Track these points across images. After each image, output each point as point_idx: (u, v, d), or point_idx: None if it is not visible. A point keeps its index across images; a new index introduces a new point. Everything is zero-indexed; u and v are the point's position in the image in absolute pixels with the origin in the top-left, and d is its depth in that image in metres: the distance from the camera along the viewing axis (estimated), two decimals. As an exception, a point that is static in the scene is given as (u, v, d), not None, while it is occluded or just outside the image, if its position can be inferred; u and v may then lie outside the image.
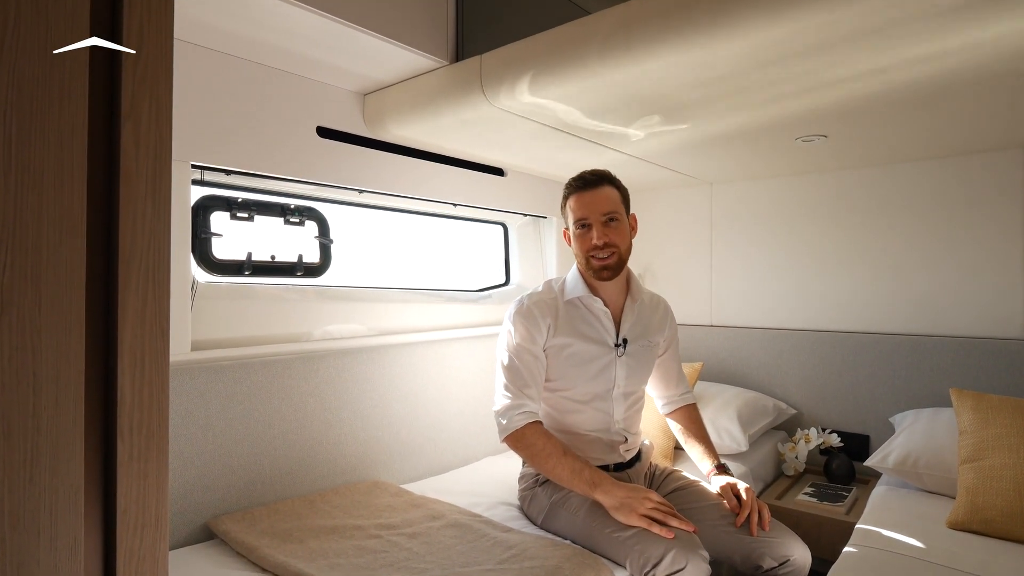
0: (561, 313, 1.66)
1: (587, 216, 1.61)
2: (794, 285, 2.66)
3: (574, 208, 1.64)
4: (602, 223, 1.61)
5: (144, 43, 0.53)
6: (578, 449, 1.67)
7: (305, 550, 1.43)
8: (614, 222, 1.62)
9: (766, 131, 1.89)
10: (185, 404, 1.56)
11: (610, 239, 1.61)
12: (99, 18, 0.51)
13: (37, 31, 0.48)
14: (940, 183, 2.32)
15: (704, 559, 1.39)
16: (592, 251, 1.61)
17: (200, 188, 1.75)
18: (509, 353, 1.63)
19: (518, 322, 1.64)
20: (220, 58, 1.62)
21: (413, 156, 2.15)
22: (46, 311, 0.48)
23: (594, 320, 1.68)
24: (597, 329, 1.68)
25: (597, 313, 1.68)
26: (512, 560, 1.37)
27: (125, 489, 0.51)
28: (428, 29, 1.67)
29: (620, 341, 1.69)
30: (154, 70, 0.53)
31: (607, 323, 1.69)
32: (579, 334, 1.66)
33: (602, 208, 1.61)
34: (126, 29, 0.52)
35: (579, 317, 1.67)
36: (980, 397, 1.79)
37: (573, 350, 1.65)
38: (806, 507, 2.10)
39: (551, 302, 1.68)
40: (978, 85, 1.50)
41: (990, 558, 1.47)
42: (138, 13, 0.52)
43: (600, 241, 1.60)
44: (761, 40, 1.21)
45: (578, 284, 1.68)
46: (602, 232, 1.60)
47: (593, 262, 1.62)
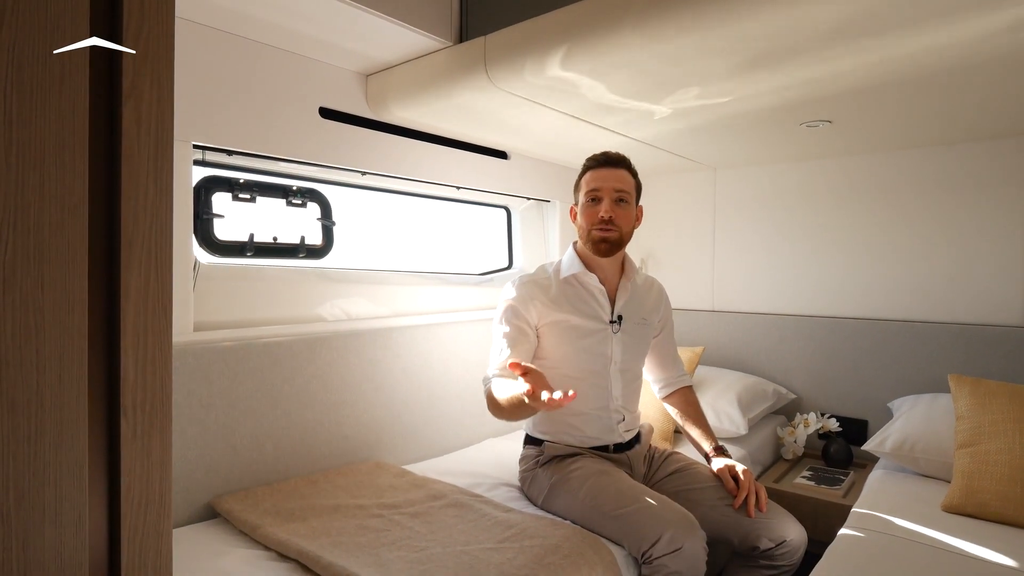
0: (555, 291, 1.69)
1: (599, 189, 1.65)
2: (795, 271, 2.66)
3: (588, 181, 1.68)
4: (613, 200, 1.64)
5: (146, 22, 0.52)
6: (577, 428, 1.69)
7: (307, 528, 1.45)
8: (623, 203, 1.66)
9: (771, 114, 1.87)
10: (188, 385, 1.57)
11: (616, 216, 1.63)
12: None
13: (37, 9, 0.48)
14: (942, 169, 2.30)
15: (701, 539, 1.40)
16: (597, 223, 1.64)
17: (202, 168, 1.74)
18: (498, 328, 1.68)
19: (507, 300, 1.68)
20: (223, 37, 1.61)
21: (416, 138, 2.14)
22: (48, 290, 0.48)
23: (588, 297, 1.70)
24: (591, 305, 1.70)
25: (592, 290, 1.70)
26: (512, 539, 1.39)
27: (129, 466, 0.51)
28: (432, 9, 1.65)
29: (615, 318, 1.70)
30: (156, 49, 0.53)
31: (602, 300, 1.70)
32: (574, 309, 1.68)
33: (616, 185, 1.64)
34: (127, 8, 0.51)
35: (574, 294, 1.70)
36: (977, 383, 1.80)
37: (569, 324, 1.67)
38: (804, 490, 2.12)
39: (543, 282, 1.70)
40: (984, 73, 1.48)
41: (984, 541, 1.48)
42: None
43: (607, 215, 1.62)
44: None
45: (574, 262, 1.72)
46: (610, 206, 1.63)
47: (594, 233, 1.65)
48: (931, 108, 1.81)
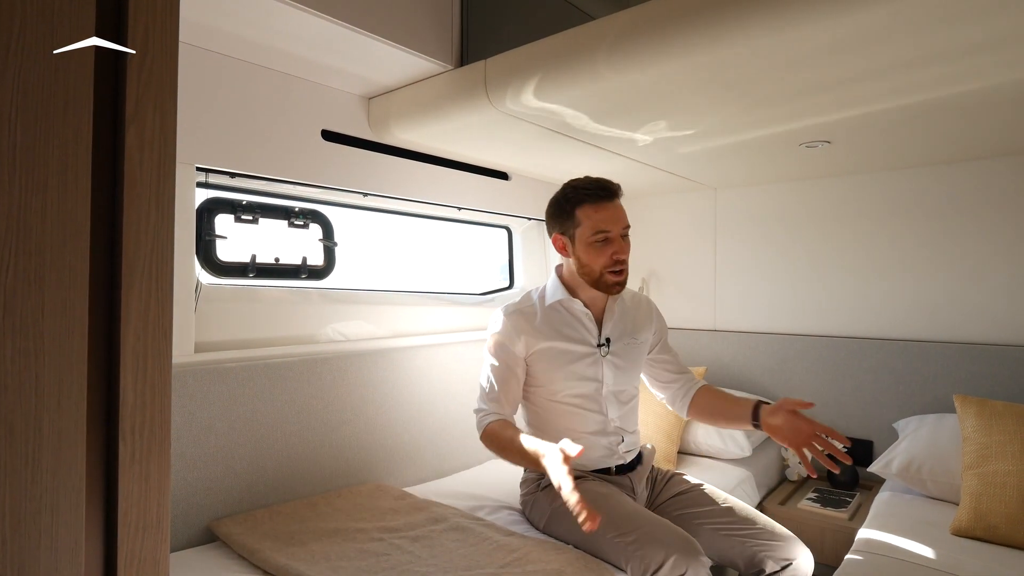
0: (540, 319, 1.67)
1: (610, 229, 1.58)
2: (798, 290, 2.65)
3: (593, 217, 1.58)
4: (622, 236, 1.61)
5: (149, 46, 0.53)
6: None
7: (307, 552, 1.43)
8: (626, 238, 1.63)
9: (771, 137, 1.89)
10: (188, 406, 1.56)
11: (626, 255, 1.61)
12: (104, 21, 0.51)
13: (42, 35, 0.48)
14: (945, 188, 2.31)
15: (705, 564, 1.38)
16: (612, 266, 1.59)
17: (205, 190, 1.75)
18: (487, 358, 1.67)
19: (494, 335, 1.68)
20: (226, 61, 1.63)
21: (417, 160, 2.16)
22: (49, 313, 0.48)
23: (575, 322, 1.68)
24: (578, 330, 1.68)
25: (577, 315, 1.68)
26: (514, 564, 1.37)
27: (126, 491, 0.51)
28: (433, 34, 1.67)
29: (603, 341, 1.69)
30: (159, 73, 0.53)
31: (588, 324, 1.69)
32: (561, 335, 1.66)
33: (623, 222, 1.61)
34: (131, 32, 0.52)
35: (560, 320, 1.68)
36: (984, 403, 1.78)
37: (556, 350, 1.65)
38: (810, 513, 2.09)
39: (528, 311, 1.68)
40: (986, 103, 1.51)
41: (994, 565, 1.46)
42: (143, 16, 0.52)
43: (624, 256, 1.60)
44: (768, 44, 1.21)
45: (558, 289, 1.69)
46: (622, 246, 1.60)
47: (608, 277, 1.60)
48: (932, 128, 1.81)
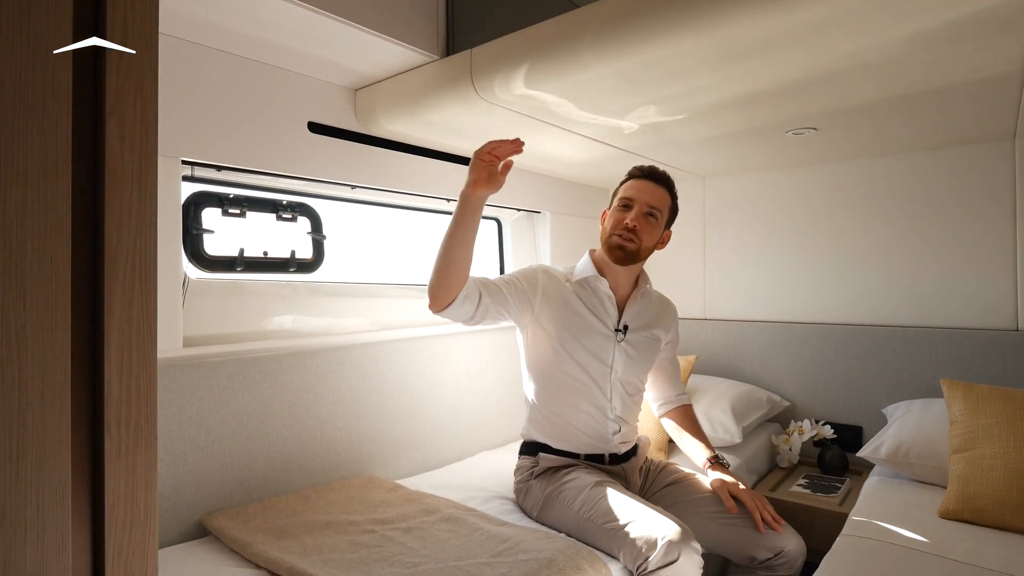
0: (567, 289, 1.71)
1: (634, 198, 1.66)
2: (787, 278, 2.67)
3: (626, 188, 1.69)
4: (643, 211, 1.65)
5: (128, 37, 0.52)
6: (571, 424, 1.70)
7: (299, 545, 1.43)
8: (652, 219, 1.66)
9: (758, 124, 1.90)
10: (177, 401, 1.56)
11: (640, 228, 1.64)
12: (83, 12, 0.51)
13: (20, 26, 0.48)
14: (931, 174, 2.33)
15: (697, 551, 1.39)
16: (620, 229, 1.64)
17: (191, 184, 1.74)
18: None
19: (524, 268, 1.73)
20: (210, 53, 1.61)
21: (405, 151, 2.15)
22: (31, 307, 0.48)
23: (597, 301, 1.71)
24: (598, 308, 1.71)
25: (601, 295, 1.71)
26: (506, 553, 1.38)
27: (113, 484, 0.51)
28: (418, 23, 1.66)
29: (621, 327, 1.70)
30: (139, 64, 0.53)
31: (610, 306, 1.72)
32: (582, 303, 1.70)
33: (650, 200, 1.66)
34: (110, 23, 0.51)
35: (584, 295, 1.72)
36: (970, 387, 1.80)
37: (575, 311, 1.68)
38: (800, 498, 2.11)
39: (560, 275, 1.74)
40: (968, 89, 1.52)
41: (981, 547, 1.48)
42: (122, 7, 0.52)
43: (632, 223, 1.63)
44: (746, 30, 1.21)
45: (587, 266, 1.74)
46: (638, 217, 1.64)
47: (614, 238, 1.66)
48: (915, 115, 1.83)
